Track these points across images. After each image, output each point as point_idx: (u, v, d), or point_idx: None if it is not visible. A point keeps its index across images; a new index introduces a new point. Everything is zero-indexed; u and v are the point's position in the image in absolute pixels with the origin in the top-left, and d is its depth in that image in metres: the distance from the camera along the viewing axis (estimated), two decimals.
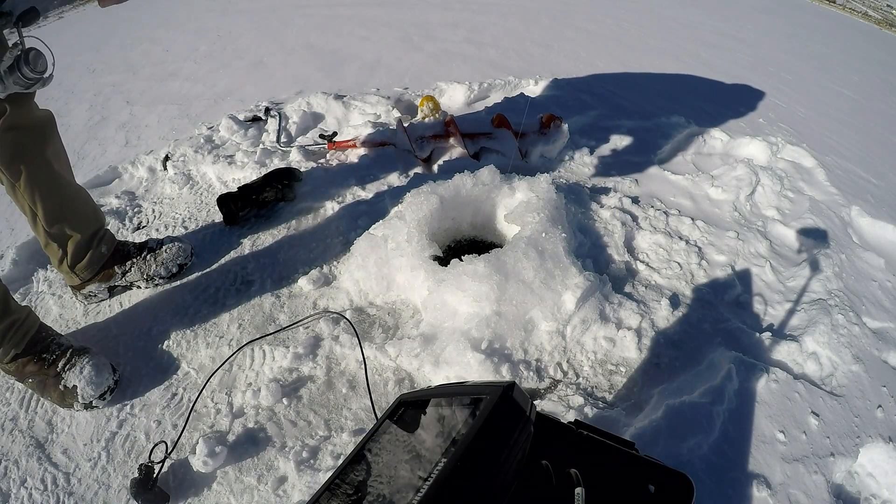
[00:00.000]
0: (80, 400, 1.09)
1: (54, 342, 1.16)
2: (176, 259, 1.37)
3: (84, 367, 1.11)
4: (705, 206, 1.75)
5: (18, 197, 1.16)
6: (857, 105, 3.11)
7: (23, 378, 1.14)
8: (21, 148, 1.10)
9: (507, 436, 0.52)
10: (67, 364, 1.12)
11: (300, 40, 3.09)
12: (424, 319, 1.24)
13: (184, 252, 1.39)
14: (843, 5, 6.14)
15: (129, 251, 1.36)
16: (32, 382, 1.13)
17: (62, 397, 1.11)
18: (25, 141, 1.10)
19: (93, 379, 1.10)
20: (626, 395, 1.14)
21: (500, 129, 1.88)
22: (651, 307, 1.31)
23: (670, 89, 2.72)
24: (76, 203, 1.25)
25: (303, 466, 0.98)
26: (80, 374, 1.10)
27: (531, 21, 3.75)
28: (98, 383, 1.10)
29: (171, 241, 1.39)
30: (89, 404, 1.10)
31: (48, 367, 1.12)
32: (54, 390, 1.11)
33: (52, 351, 1.14)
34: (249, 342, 1.21)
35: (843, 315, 1.32)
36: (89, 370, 1.11)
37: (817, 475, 1.00)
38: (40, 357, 1.13)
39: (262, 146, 1.89)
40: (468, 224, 1.50)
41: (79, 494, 0.97)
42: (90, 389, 1.09)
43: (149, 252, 1.37)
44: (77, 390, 1.09)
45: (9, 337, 1.09)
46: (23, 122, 1.08)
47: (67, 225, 1.23)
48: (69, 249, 1.26)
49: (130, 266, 1.35)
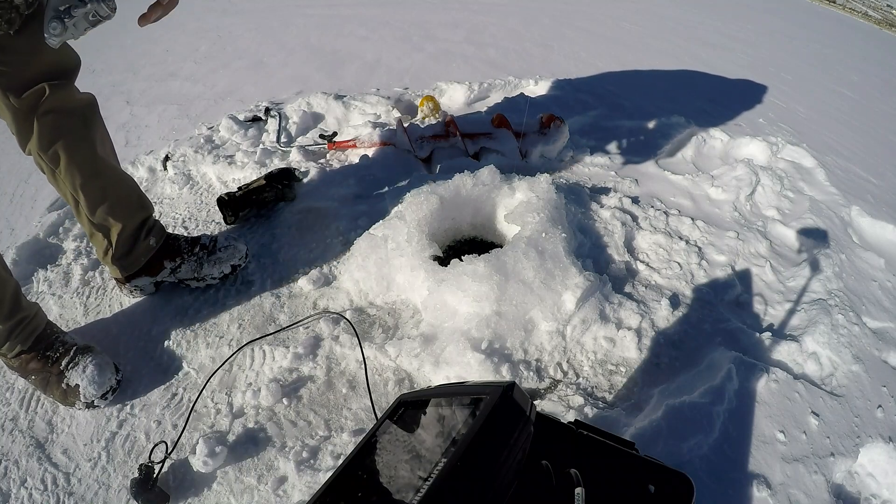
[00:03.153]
0: (81, 399, 1.09)
1: (59, 340, 1.15)
2: (230, 260, 1.33)
3: (87, 366, 1.11)
4: (705, 206, 1.75)
5: (60, 184, 1.12)
6: (857, 105, 3.12)
7: (26, 375, 1.13)
8: (60, 132, 1.06)
9: (507, 436, 0.52)
10: (70, 363, 1.11)
11: (300, 40, 3.09)
12: (424, 319, 1.24)
13: (239, 253, 1.35)
14: (843, 5, 6.14)
15: (181, 246, 1.31)
16: (35, 379, 1.12)
17: (64, 396, 1.10)
18: (65, 125, 1.06)
19: (95, 378, 1.10)
20: (626, 395, 1.14)
21: (500, 129, 1.88)
22: (651, 307, 1.31)
23: (670, 89, 2.72)
24: (120, 190, 1.20)
25: (303, 466, 0.98)
26: (83, 373, 1.10)
27: (531, 21, 3.75)
28: (100, 383, 1.10)
29: (225, 240, 1.35)
30: (91, 403, 1.10)
31: (51, 364, 1.11)
32: (56, 388, 1.11)
33: (55, 349, 1.13)
34: (249, 342, 1.21)
35: (843, 315, 1.32)
36: (92, 369, 1.10)
37: (817, 475, 1.00)
38: (44, 354, 1.12)
39: (262, 146, 1.89)
40: (468, 224, 1.50)
41: (79, 494, 0.97)
42: (92, 389, 1.09)
43: (202, 249, 1.32)
44: (79, 389, 1.09)
45: (16, 333, 1.08)
46: (63, 104, 1.05)
47: (111, 213, 1.18)
48: (114, 240, 1.21)
49: (181, 263, 1.30)
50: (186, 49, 3.03)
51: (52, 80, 1.01)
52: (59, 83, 1.03)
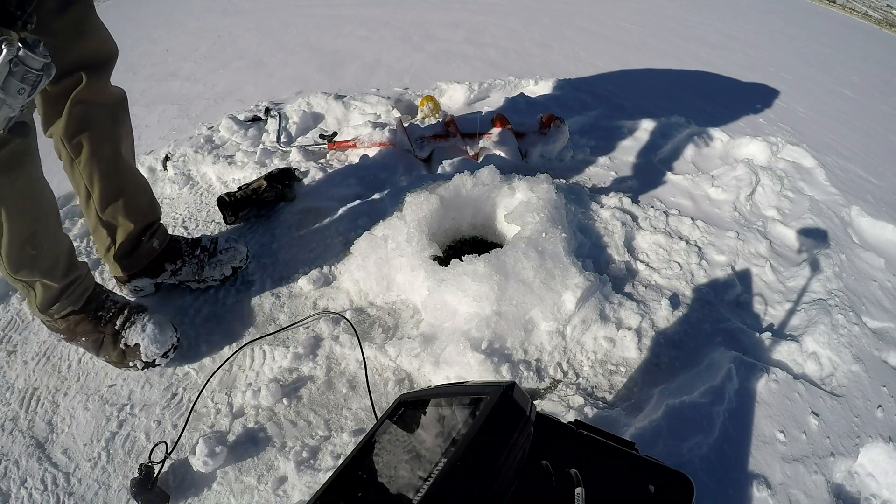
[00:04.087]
0: (142, 358, 1.07)
1: (109, 299, 1.13)
2: (231, 262, 1.33)
3: (145, 324, 1.08)
4: (705, 206, 1.75)
5: (76, 174, 1.09)
6: (857, 105, 3.12)
7: (74, 337, 1.10)
8: (88, 124, 1.04)
9: (507, 436, 0.52)
10: (126, 322, 1.08)
11: (300, 40, 3.09)
12: (424, 319, 1.24)
13: (240, 255, 1.34)
14: (843, 5, 6.14)
15: (182, 248, 1.31)
16: (86, 341, 1.09)
17: (122, 356, 1.08)
18: (95, 118, 1.05)
19: (157, 336, 1.07)
20: (626, 395, 1.14)
21: (500, 129, 1.89)
22: (651, 307, 1.31)
23: (670, 89, 2.72)
24: (135, 191, 1.19)
25: (303, 466, 0.98)
26: (142, 331, 1.07)
27: (531, 21, 3.75)
28: (162, 341, 1.07)
29: (225, 242, 1.34)
30: (152, 363, 1.07)
31: (104, 325, 1.09)
32: (112, 349, 1.08)
33: (107, 308, 1.10)
34: (249, 342, 1.21)
35: (843, 315, 1.32)
36: (152, 328, 1.07)
37: (817, 475, 1.00)
38: (95, 315, 1.09)
39: (262, 146, 1.89)
40: (468, 224, 1.50)
41: (79, 494, 0.97)
42: (154, 348, 1.06)
43: (203, 251, 1.31)
44: (140, 349, 1.06)
45: (69, 292, 1.06)
46: (95, 97, 1.03)
47: (121, 212, 1.16)
48: (118, 239, 1.20)
49: (182, 265, 1.29)
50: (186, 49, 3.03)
51: (89, 68, 0.98)
52: (96, 73, 1.00)
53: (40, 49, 0.63)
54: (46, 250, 1.00)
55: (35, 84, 0.65)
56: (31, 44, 0.62)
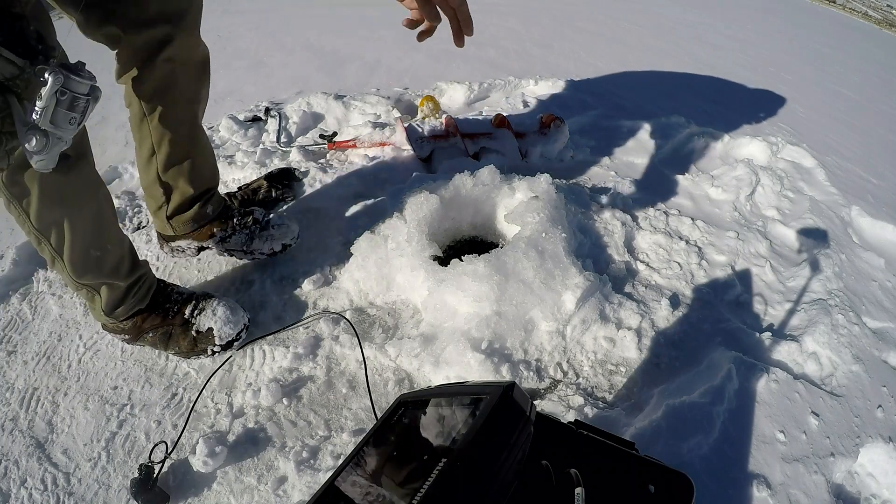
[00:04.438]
0: (217, 342, 1.07)
1: (175, 291, 1.13)
2: (282, 239, 1.31)
3: (216, 308, 1.08)
4: (705, 206, 1.75)
5: (143, 130, 1.06)
6: (857, 105, 3.11)
7: (139, 335, 1.09)
8: (172, 85, 1.01)
9: (507, 436, 0.52)
10: (195, 310, 1.09)
11: (300, 40, 3.09)
12: (424, 319, 1.24)
13: (291, 233, 1.33)
14: (843, 5, 6.14)
15: (232, 216, 1.29)
16: (153, 337, 1.09)
17: (193, 344, 1.08)
18: (180, 78, 1.01)
19: (229, 318, 1.07)
20: (626, 395, 1.14)
21: (500, 129, 1.88)
22: (651, 307, 1.31)
23: (670, 89, 2.72)
24: (200, 157, 1.18)
25: (303, 466, 0.98)
26: (214, 315, 1.07)
27: (531, 21, 3.75)
28: (235, 321, 1.08)
29: (279, 218, 1.33)
30: (228, 344, 1.08)
31: (172, 316, 1.09)
32: (183, 339, 1.08)
33: (174, 301, 1.11)
34: (249, 342, 1.21)
35: (843, 315, 1.32)
36: (223, 311, 1.08)
37: (817, 475, 1.00)
38: (163, 308, 1.09)
39: (262, 146, 1.89)
40: (468, 224, 1.50)
41: (79, 494, 0.97)
42: (228, 328, 1.07)
43: (255, 223, 1.29)
44: (213, 332, 1.07)
45: (134, 292, 1.05)
46: (185, 55, 0.99)
47: (183, 177, 1.15)
48: (173, 200, 1.18)
49: (231, 233, 1.27)
50: None
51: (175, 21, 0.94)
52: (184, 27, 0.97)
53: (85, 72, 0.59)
54: (110, 250, 0.99)
55: (85, 111, 0.60)
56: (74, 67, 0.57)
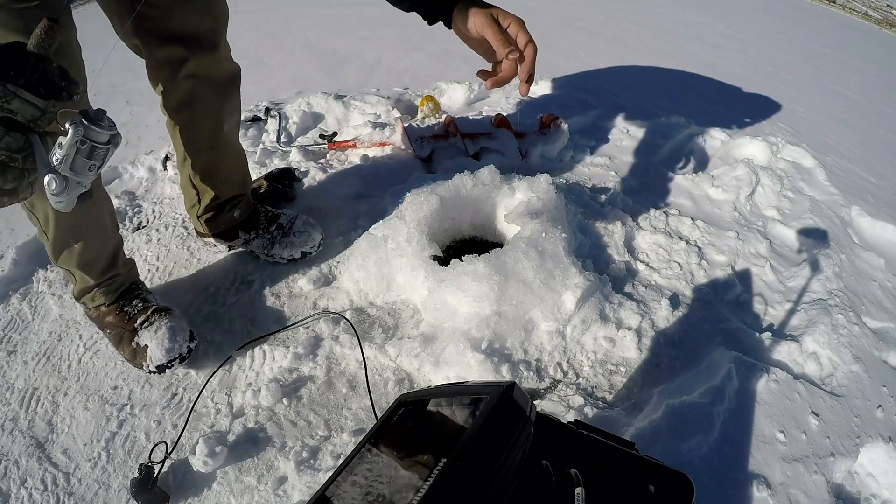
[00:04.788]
0: (147, 362, 1.07)
1: (140, 297, 1.15)
2: (301, 246, 1.34)
3: (160, 327, 1.07)
4: (705, 206, 1.75)
5: (175, 138, 1.16)
6: (857, 105, 3.11)
7: (102, 327, 1.14)
8: (194, 99, 1.06)
9: (507, 436, 0.52)
10: (146, 321, 1.09)
11: (300, 40, 3.09)
12: (424, 319, 1.24)
13: (312, 241, 1.35)
14: (843, 5, 6.14)
15: (259, 221, 1.35)
16: (110, 334, 1.12)
17: (133, 355, 1.09)
18: (202, 93, 1.07)
19: (164, 342, 1.05)
20: (626, 395, 1.14)
21: (500, 129, 1.88)
22: (651, 307, 1.31)
23: (670, 89, 2.72)
24: (230, 167, 1.26)
25: (303, 466, 0.98)
26: (154, 333, 1.06)
27: (531, 21, 3.72)
28: (169, 348, 1.06)
29: (302, 224, 1.36)
30: (160, 368, 1.07)
31: (127, 321, 1.10)
32: (127, 346, 1.09)
33: (134, 305, 1.12)
34: (249, 342, 1.21)
35: (843, 315, 1.32)
36: (164, 332, 1.06)
37: (817, 475, 1.00)
38: (122, 310, 1.11)
39: (262, 146, 1.89)
40: (468, 224, 1.50)
41: (79, 494, 0.97)
42: (159, 353, 1.06)
43: (277, 228, 1.34)
44: (147, 351, 1.06)
45: (102, 288, 1.10)
46: (207, 71, 1.05)
47: (213, 183, 1.23)
48: (203, 202, 1.26)
49: (255, 237, 1.34)
50: None
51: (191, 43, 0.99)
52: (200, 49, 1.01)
53: (105, 122, 0.59)
54: (88, 246, 1.04)
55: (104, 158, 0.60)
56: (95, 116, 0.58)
